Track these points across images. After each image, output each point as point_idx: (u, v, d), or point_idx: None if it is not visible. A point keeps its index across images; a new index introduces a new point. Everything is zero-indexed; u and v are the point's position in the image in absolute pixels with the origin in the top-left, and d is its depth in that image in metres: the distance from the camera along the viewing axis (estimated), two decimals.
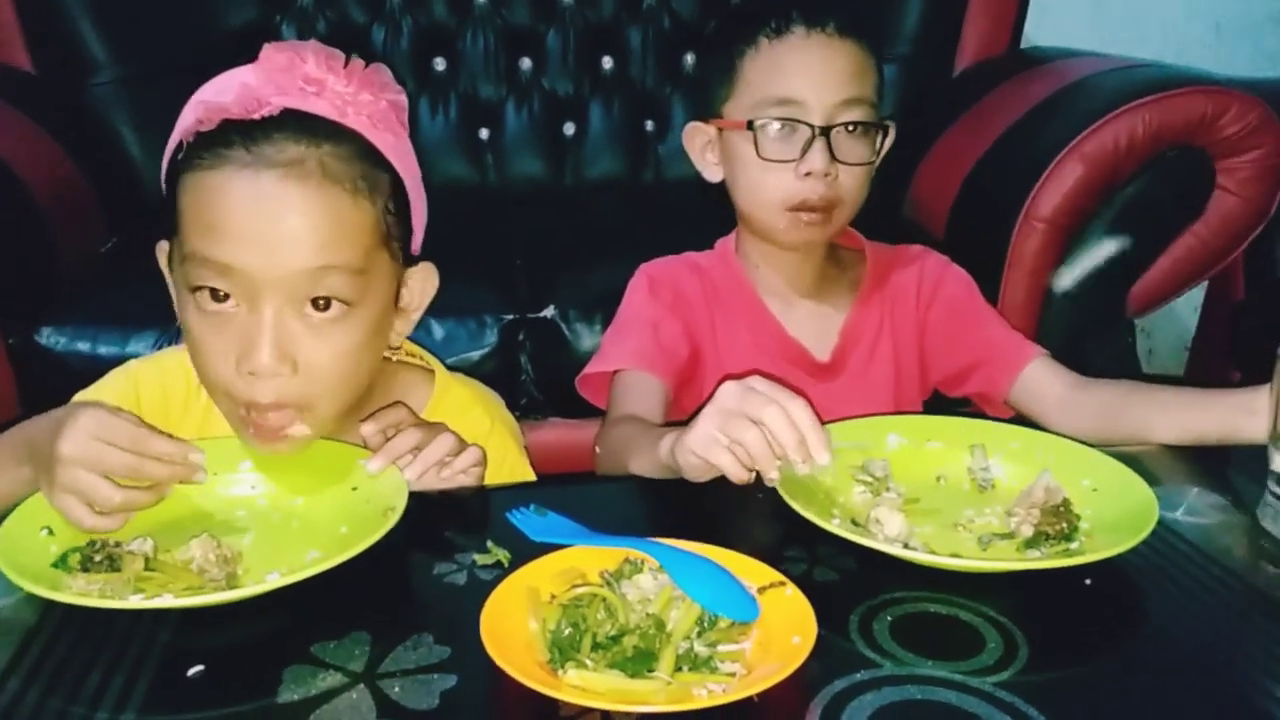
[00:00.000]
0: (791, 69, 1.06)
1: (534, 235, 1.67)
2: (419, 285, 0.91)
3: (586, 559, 0.70)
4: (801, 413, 0.76)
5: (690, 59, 2.01)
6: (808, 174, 1.06)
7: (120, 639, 0.66)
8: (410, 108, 0.89)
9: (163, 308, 0.87)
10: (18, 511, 0.75)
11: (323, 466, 0.83)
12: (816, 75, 1.06)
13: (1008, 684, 0.61)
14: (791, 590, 0.66)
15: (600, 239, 1.62)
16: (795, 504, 0.75)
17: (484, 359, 1.44)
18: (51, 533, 0.75)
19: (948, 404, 1.21)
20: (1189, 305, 1.99)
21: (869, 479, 0.83)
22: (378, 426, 0.85)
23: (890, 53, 1.81)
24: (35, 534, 0.74)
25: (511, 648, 0.61)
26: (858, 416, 0.93)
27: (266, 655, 0.64)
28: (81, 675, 0.62)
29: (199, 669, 0.63)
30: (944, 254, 1.22)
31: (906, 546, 0.73)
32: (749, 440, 0.76)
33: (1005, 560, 0.75)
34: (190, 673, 0.63)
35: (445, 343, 1.41)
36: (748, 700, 0.58)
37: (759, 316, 1.16)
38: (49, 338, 1.38)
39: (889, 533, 0.75)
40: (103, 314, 1.40)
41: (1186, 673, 0.64)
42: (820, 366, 1.16)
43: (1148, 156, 1.43)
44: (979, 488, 0.86)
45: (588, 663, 0.61)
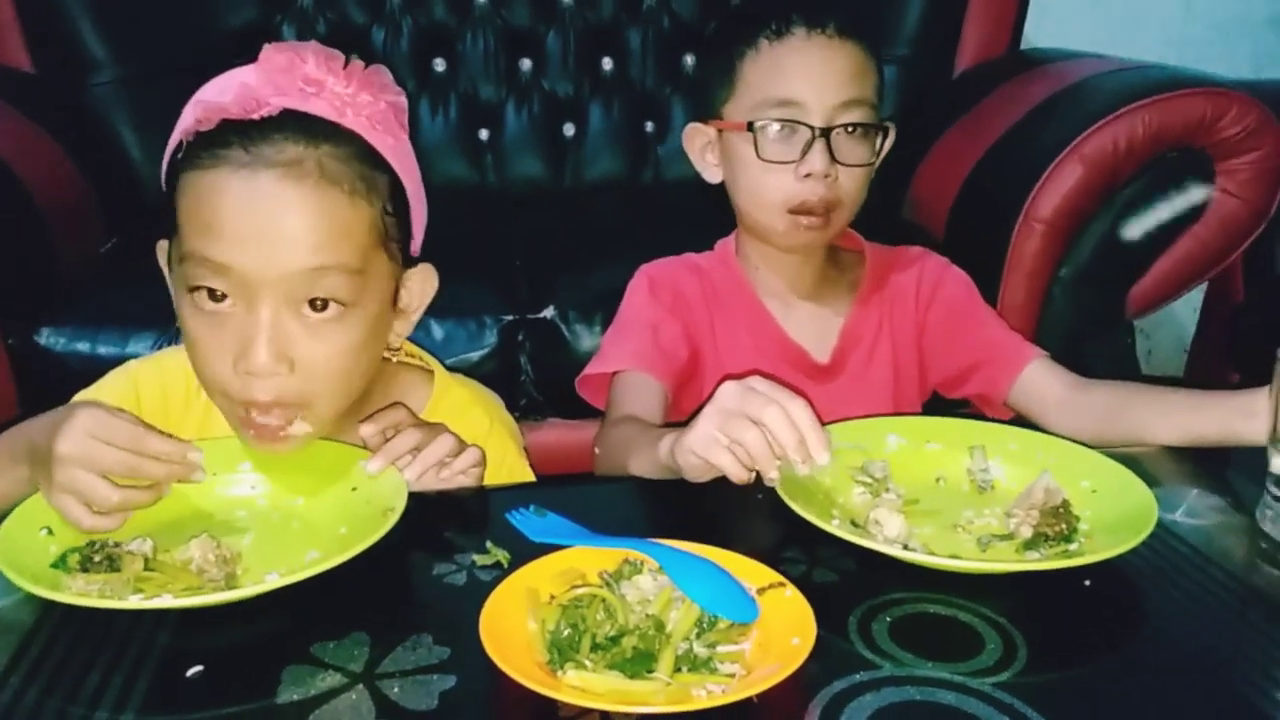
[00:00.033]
0: (791, 70, 1.06)
1: (534, 236, 1.67)
2: (418, 286, 0.91)
3: (586, 560, 0.70)
4: (801, 413, 0.76)
5: (690, 60, 2.00)
6: (807, 175, 1.06)
7: (119, 639, 0.66)
8: (410, 108, 0.89)
9: (162, 308, 0.87)
10: (17, 512, 0.75)
11: (322, 467, 0.83)
12: (816, 76, 1.06)
13: (1007, 685, 0.61)
14: (791, 591, 0.66)
15: (600, 240, 1.62)
16: (795, 505, 0.75)
17: (483, 359, 1.44)
18: (51, 533, 0.75)
19: (947, 405, 1.21)
20: (1188, 306, 1.99)
21: (868, 480, 0.83)
22: (377, 427, 0.85)
23: (890, 54, 1.81)
24: (35, 534, 0.74)
25: (511, 648, 0.61)
26: (857, 418, 0.93)
27: (266, 656, 0.64)
28: (81, 675, 0.62)
29: (198, 669, 0.63)
30: (943, 255, 1.22)
31: (906, 548, 0.73)
32: (749, 440, 0.76)
33: (1004, 561, 0.75)
34: (189, 673, 0.63)
35: (445, 343, 1.41)
36: (747, 701, 0.58)
37: (758, 318, 1.16)
38: (48, 338, 1.38)
39: (888, 534, 0.75)
40: (102, 314, 1.40)
41: (1185, 673, 0.64)
42: (819, 368, 1.16)
43: (1147, 158, 1.43)
44: (978, 489, 0.86)
45: (587, 663, 0.61)
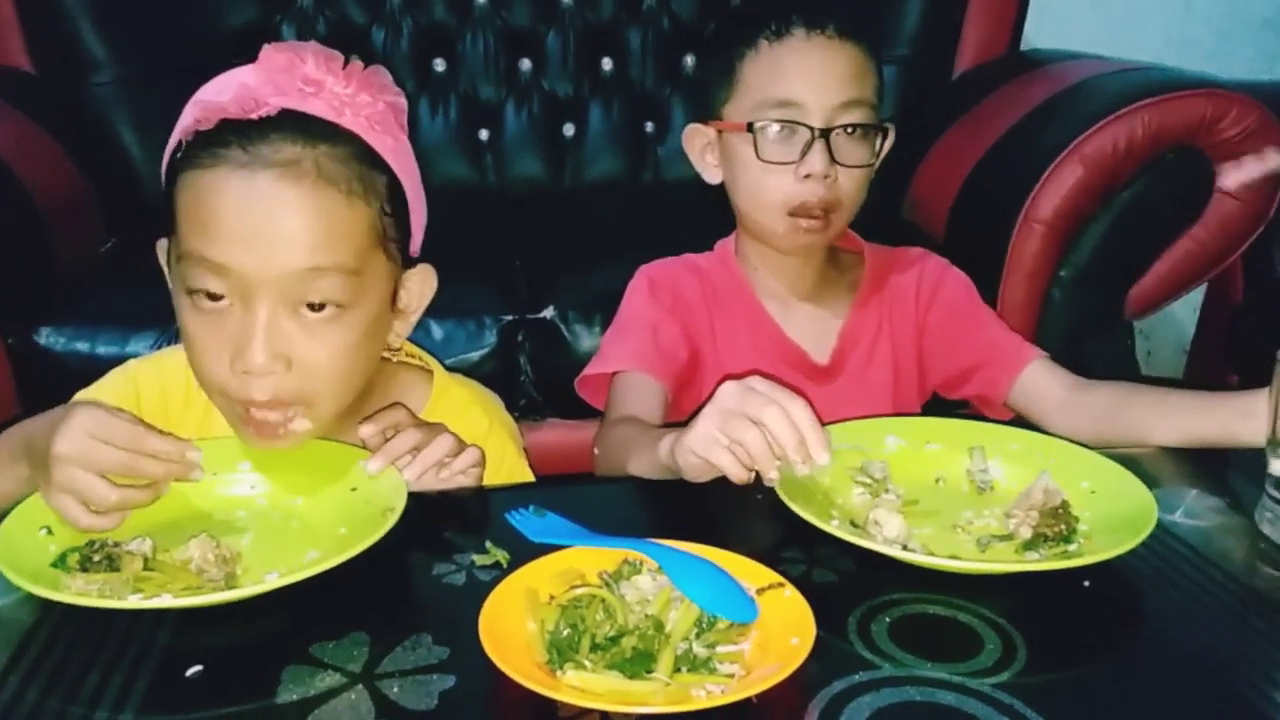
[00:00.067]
0: (791, 71, 1.06)
1: (533, 236, 1.67)
2: (417, 287, 0.91)
3: (585, 560, 0.70)
4: (801, 413, 0.76)
5: (690, 60, 2.01)
6: (807, 176, 1.06)
7: (119, 639, 0.66)
8: (410, 108, 0.89)
9: (162, 308, 0.87)
10: (17, 511, 0.75)
11: (322, 467, 0.83)
12: (816, 77, 1.06)
13: (1006, 685, 0.61)
14: (790, 591, 0.66)
15: (600, 240, 1.62)
16: (794, 505, 0.75)
17: (483, 360, 1.44)
18: (50, 532, 0.75)
19: (946, 406, 1.21)
20: (1188, 307, 1.99)
21: (868, 480, 0.83)
22: (377, 427, 0.85)
23: (890, 54, 1.81)
24: (34, 533, 0.74)
25: (510, 648, 0.61)
26: (856, 419, 0.93)
27: (265, 655, 0.64)
28: (80, 675, 0.62)
29: (198, 669, 0.63)
30: (943, 256, 1.22)
31: (905, 548, 0.73)
32: (749, 440, 0.76)
33: (1004, 562, 0.75)
34: (189, 673, 0.63)
35: (444, 343, 1.42)
36: (746, 701, 0.58)
37: (758, 319, 1.16)
38: (48, 338, 1.38)
39: (888, 534, 0.75)
40: (102, 314, 1.40)
41: (1184, 674, 0.64)
42: (819, 369, 1.16)
43: (1147, 159, 1.43)
44: (978, 489, 0.86)
45: (586, 664, 0.61)
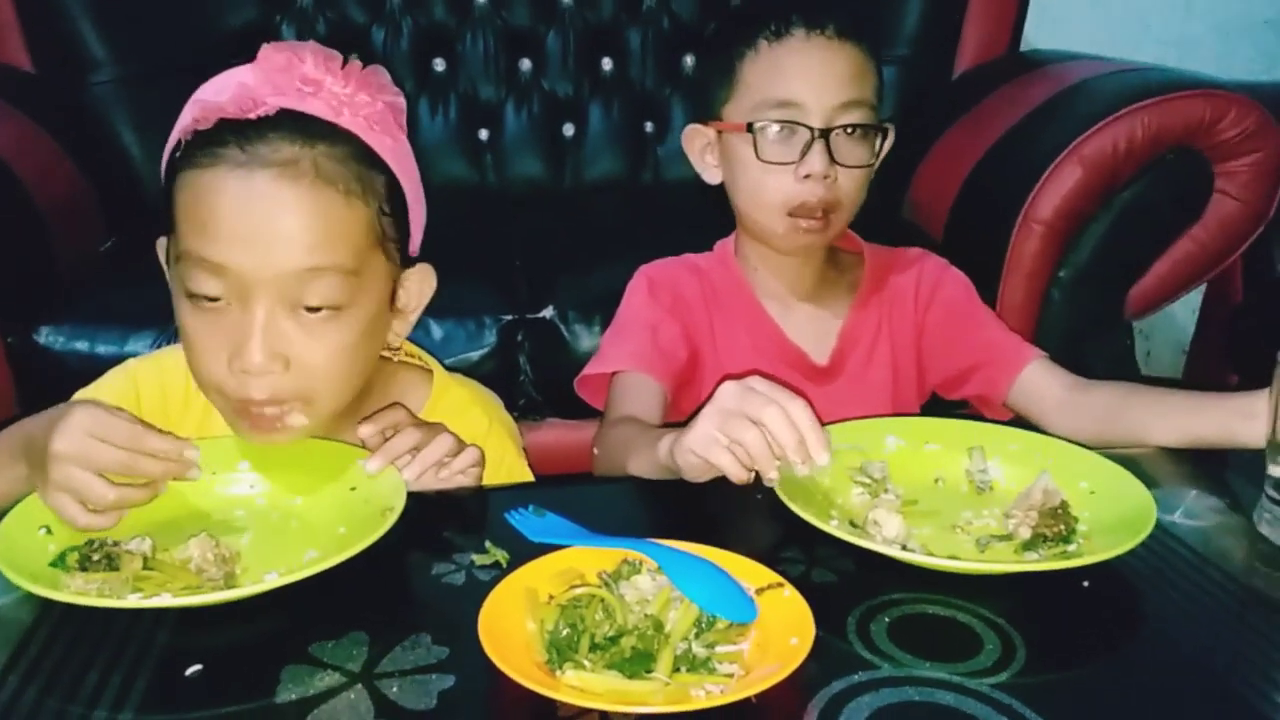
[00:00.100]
0: (791, 71, 1.06)
1: (533, 236, 1.67)
2: (416, 286, 0.91)
3: (585, 560, 0.70)
4: (801, 413, 0.76)
5: (690, 61, 2.00)
6: (807, 176, 1.06)
7: (118, 638, 0.66)
8: (410, 108, 0.89)
9: (162, 307, 0.87)
10: (16, 510, 0.75)
11: (321, 466, 0.83)
12: (816, 78, 1.06)
13: (1005, 686, 0.61)
14: (789, 591, 0.66)
15: (599, 240, 1.62)
16: (793, 505, 0.75)
17: (483, 359, 1.44)
18: (49, 531, 0.75)
19: (946, 406, 1.21)
20: (1187, 308, 2.00)
21: (867, 480, 0.83)
22: (376, 427, 0.85)
23: (890, 54, 1.81)
24: (33, 533, 0.74)
25: (510, 648, 0.61)
26: (856, 419, 0.93)
27: (265, 655, 0.64)
28: (79, 674, 0.62)
29: (197, 668, 0.63)
30: (943, 256, 1.22)
31: (904, 548, 0.73)
32: (748, 440, 0.76)
33: (1003, 562, 0.75)
34: (188, 672, 0.63)
35: (444, 343, 1.42)
36: (746, 701, 0.58)
37: (757, 319, 1.16)
38: (48, 337, 1.38)
39: (887, 534, 0.75)
40: (101, 313, 1.40)
41: (1184, 674, 0.64)
42: (818, 369, 1.16)
43: (1147, 159, 1.43)
44: (977, 490, 0.86)
45: (586, 663, 0.61)
